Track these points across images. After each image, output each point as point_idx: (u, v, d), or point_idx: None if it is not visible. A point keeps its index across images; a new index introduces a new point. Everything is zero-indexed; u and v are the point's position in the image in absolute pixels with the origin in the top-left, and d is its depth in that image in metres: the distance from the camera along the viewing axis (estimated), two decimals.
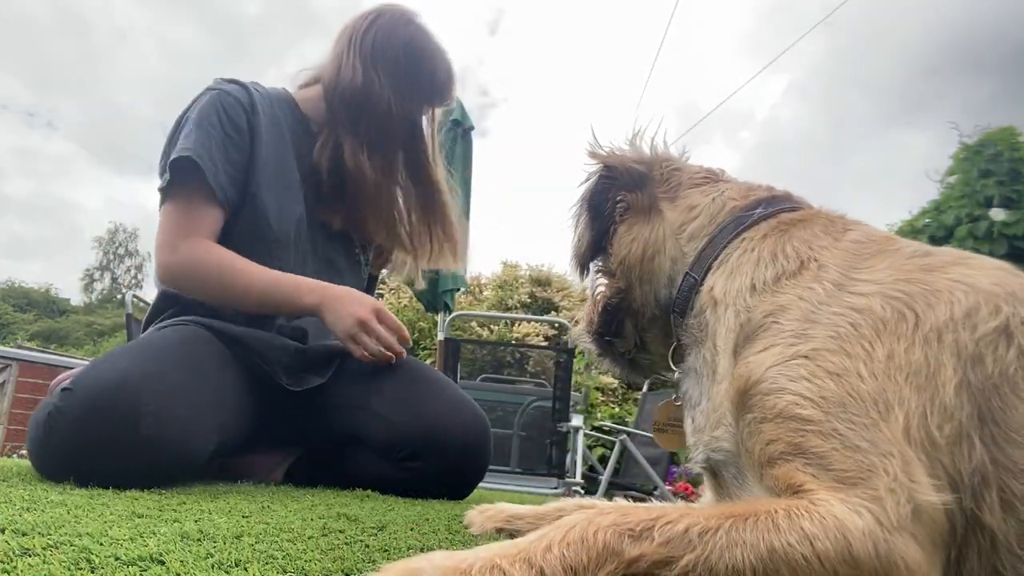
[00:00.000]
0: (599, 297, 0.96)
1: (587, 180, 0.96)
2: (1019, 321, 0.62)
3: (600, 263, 0.96)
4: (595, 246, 0.96)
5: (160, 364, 1.20)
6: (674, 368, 0.86)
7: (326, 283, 1.48)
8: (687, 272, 0.83)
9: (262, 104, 1.55)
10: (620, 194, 0.92)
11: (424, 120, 1.70)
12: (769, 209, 0.82)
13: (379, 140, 1.60)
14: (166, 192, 1.47)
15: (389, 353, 1.47)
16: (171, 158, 1.42)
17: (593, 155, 0.95)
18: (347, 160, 1.57)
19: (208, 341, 1.36)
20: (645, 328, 0.92)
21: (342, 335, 1.45)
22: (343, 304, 1.44)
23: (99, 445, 1.09)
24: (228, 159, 1.47)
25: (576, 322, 1.03)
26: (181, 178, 1.43)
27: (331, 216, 1.63)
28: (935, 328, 0.62)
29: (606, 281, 0.95)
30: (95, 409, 1.10)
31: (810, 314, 0.66)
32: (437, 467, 1.44)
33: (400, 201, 1.70)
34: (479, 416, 1.52)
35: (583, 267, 0.99)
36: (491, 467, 1.59)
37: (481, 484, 1.58)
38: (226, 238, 1.49)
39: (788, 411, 0.60)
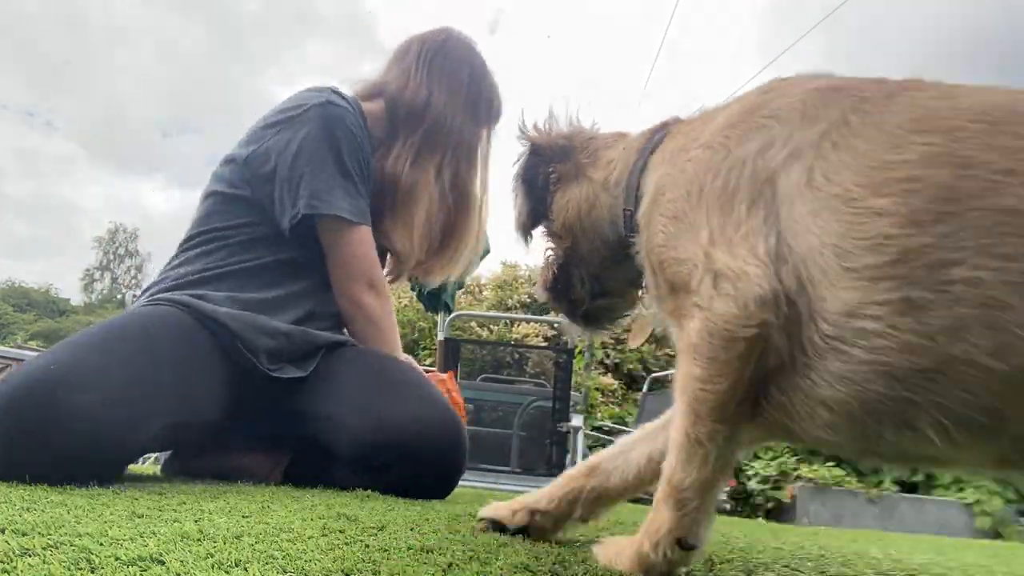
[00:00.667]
0: (550, 259, 1.10)
1: (518, 160, 1.10)
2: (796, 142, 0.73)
3: (545, 229, 1.09)
4: (534, 216, 1.09)
5: (88, 350, 1.18)
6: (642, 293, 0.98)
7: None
8: (624, 208, 0.96)
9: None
10: (551, 167, 1.06)
11: (479, 146, 1.78)
12: (661, 131, 0.96)
13: (440, 156, 1.68)
14: (327, 224, 1.53)
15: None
16: (325, 210, 1.49)
17: (522, 136, 1.09)
18: (405, 173, 1.65)
19: (171, 323, 1.34)
20: (599, 273, 1.05)
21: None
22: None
23: (14, 436, 1.08)
24: (363, 180, 1.58)
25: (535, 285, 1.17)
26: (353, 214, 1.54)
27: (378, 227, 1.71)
28: (739, 159, 0.75)
29: (554, 244, 1.08)
30: (13, 400, 1.09)
31: (678, 183, 0.81)
32: (411, 474, 1.40)
33: (438, 215, 1.75)
34: (448, 414, 1.47)
35: (526, 235, 1.13)
36: (491, 467, 1.58)
37: (481, 484, 1.58)
38: (281, 236, 1.53)
39: (661, 261, 0.79)
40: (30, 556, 0.58)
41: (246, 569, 0.59)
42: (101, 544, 0.64)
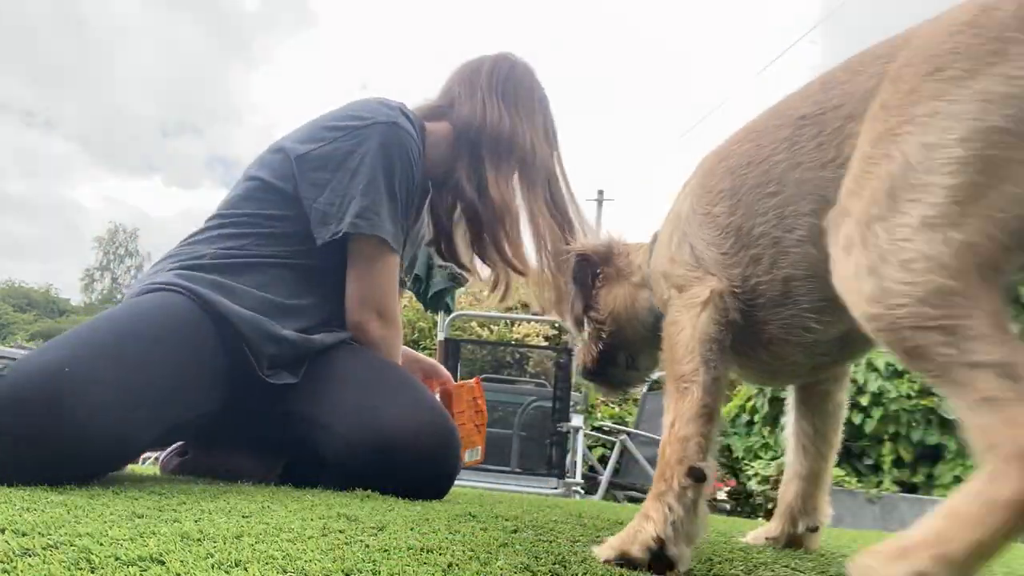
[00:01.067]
0: (594, 343, 1.33)
1: (573, 265, 1.35)
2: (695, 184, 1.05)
3: (591, 318, 1.32)
4: (585, 308, 1.33)
5: (95, 352, 1.16)
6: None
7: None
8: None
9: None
10: (598, 269, 1.31)
11: (556, 165, 1.83)
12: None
13: (540, 186, 1.75)
14: (362, 242, 1.53)
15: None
16: (374, 231, 1.51)
17: (573, 249, 1.36)
18: (514, 200, 1.73)
19: (189, 320, 1.32)
20: (636, 352, 1.31)
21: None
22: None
23: (14, 431, 1.06)
24: (405, 212, 1.60)
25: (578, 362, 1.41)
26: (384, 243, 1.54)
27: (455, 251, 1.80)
28: (688, 199, 1.05)
29: (599, 330, 1.32)
30: (17, 394, 1.07)
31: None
32: (401, 476, 1.38)
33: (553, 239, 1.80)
34: (440, 419, 1.45)
35: (579, 323, 1.37)
36: (491, 467, 1.58)
37: (481, 484, 1.57)
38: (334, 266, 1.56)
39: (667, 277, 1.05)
40: (30, 556, 0.58)
41: (246, 569, 0.59)
42: (101, 544, 0.64)
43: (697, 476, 0.83)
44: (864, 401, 5.47)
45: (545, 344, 9.63)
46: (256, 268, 1.49)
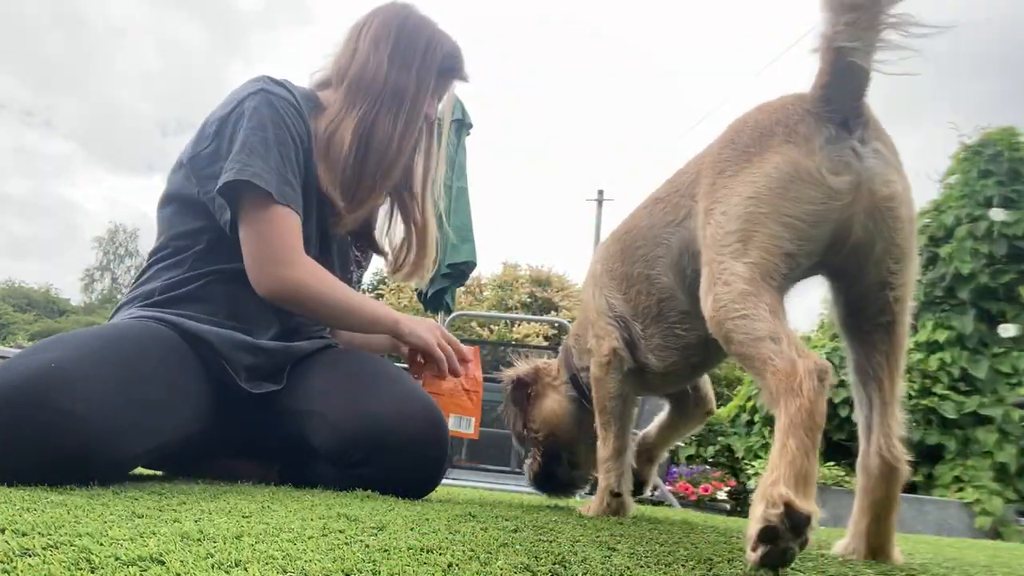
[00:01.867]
0: (536, 451, 1.65)
1: (509, 392, 1.67)
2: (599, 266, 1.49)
3: (530, 429, 1.64)
4: (523, 425, 1.64)
5: (82, 355, 1.16)
6: None
7: (404, 315, 1.67)
8: (570, 374, 1.62)
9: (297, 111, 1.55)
10: (529, 389, 1.64)
11: (413, 97, 1.65)
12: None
13: (360, 106, 1.59)
14: (247, 206, 1.44)
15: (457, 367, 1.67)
16: (246, 176, 1.40)
17: (506, 376, 1.69)
18: (330, 127, 1.57)
19: (160, 337, 1.34)
20: (574, 449, 1.63)
21: (432, 346, 1.62)
22: (420, 323, 1.65)
23: (4, 432, 1.06)
24: (291, 169, 1.48)
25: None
26: (256, 191, 1.42)
27: (346, 215, 1.62)
28: (597, 283, 1.48)
29: (536, 439, 1.64)
30: (5, 395, 1.07)
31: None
32: (388, 470, 1.38)
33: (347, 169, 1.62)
34: (429, 409, 1.45)
35: (521, 440, 1.69)
36: (491, 467, 1.59)
37: (481, 484, 1.57)
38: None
39: (583, 343, 1.53)
40: (30, 556, 0.58)
41: (246, 569, 0.59)
42: (101, 544, 0.64)
43: (616, 494, 1.41)
44: None
45: (545, 344, 9.64)
46: (205, 288, 1.48)
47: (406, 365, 1.76)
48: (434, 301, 5.21)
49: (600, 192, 19.53)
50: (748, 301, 0.94)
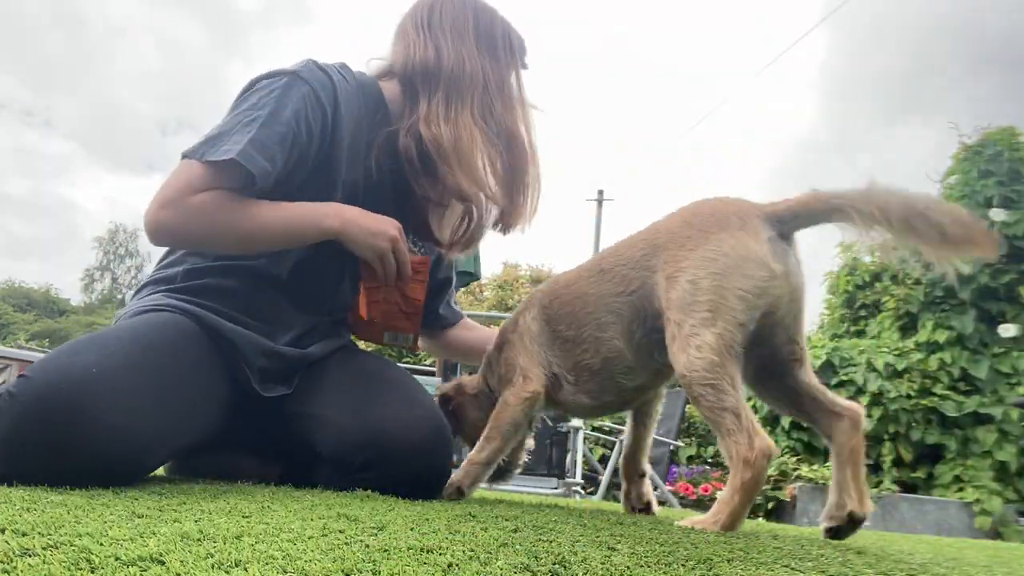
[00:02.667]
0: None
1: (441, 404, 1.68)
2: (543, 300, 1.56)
3: (465, 435, 1.71)
4: (460, 431, 1.70)
5: (120, 362, 1.15)
6: None
7: (340, 204, 1.46)
8: (481, 389, 1.70)
9: (347, 100, 1.49)
10: (451, 404, 1.69)
11: (509, 83, 1.64)
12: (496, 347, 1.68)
13: (471, 102, 1.55)
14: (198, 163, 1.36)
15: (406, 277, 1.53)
16: (239, 154, 1.32)
17: (437, 392, 1.73)
18: (444, 130, 1.51)
19: (188, 334, 1.33)
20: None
21: (372, 254, 1.46)
22: (368, 222, 1.45)
23: (39, 438, 1.06)
24: (286, 164, 1.41)
25: None
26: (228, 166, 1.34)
27: (418, 211, 1.61)
28: (522, 324, 1.57)
29: (473, 440, 1.63)
30: (44, 400, 1.06)
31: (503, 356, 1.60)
32: (391, 477, 1.37)
33: (487, 163, 1.59)
34: (432, 414, 1.44)
35: (465, 441, 1.74)
36: None
37: (481, 484, 1.57)
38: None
39: (502, 372, 1.58)
40: (30, 556, 0.58)
41: (246, 569, 0.59)
42: (101, 544, 0.64)
43: (461, 492, 1.49)
44: (864, 401, 5.47)
45: None
46: (229, 280, 1.46)
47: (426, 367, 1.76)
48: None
49: (600, 192, 19.50)
50: (716, 372, 1.18)
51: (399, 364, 1.96)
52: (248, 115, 1.39)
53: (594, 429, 6.62)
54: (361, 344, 1.88)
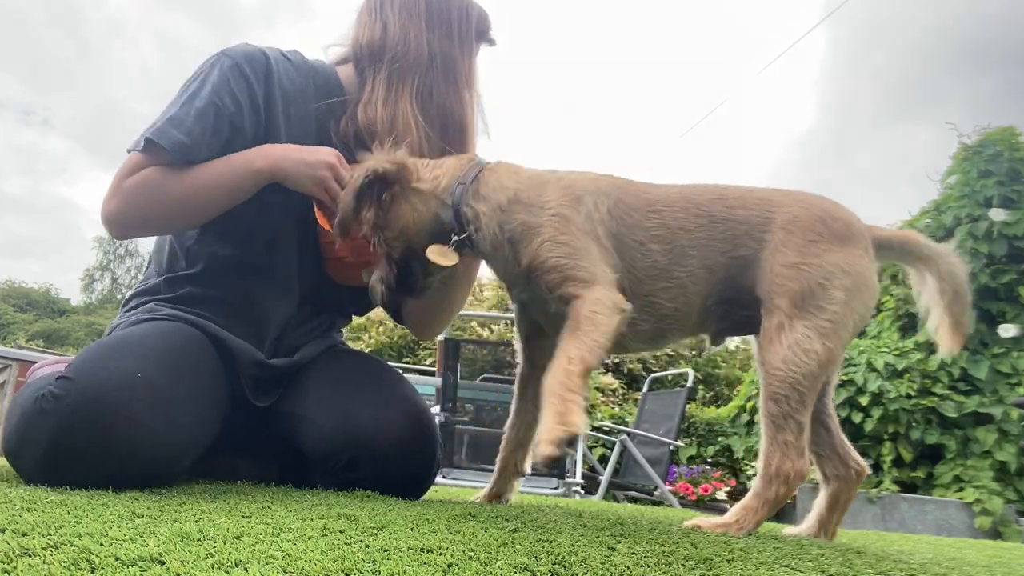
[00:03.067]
0: (389, 260, 1.41)
1: (361, 183, 1.33)
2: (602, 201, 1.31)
3: (385, 236, 1.37)
4: (375, 227, 1.36)
5: (158, 369, 1.19)
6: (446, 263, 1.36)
7: (266, 145, 1.42)
8: (455, 206, 1.35)
9: (288, 77, 1.48)
10: (389, 188, 1.36)
11: (460, 63, 1.57)
12: (476, 168, 1.38)
13: (411, 82, 1.51)
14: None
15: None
16: (152, 132, 1.34)
17: (361, 168, 1.35)
18: (379, 113, 1.48)
19: (197, 342, 1.35)
20: (427, 260, 1.38)
21: (312, 185, 1.39)
22: (302, 154, 1.40)
23: (87, 439, 1.08)
24: (215, 136, 1.39)
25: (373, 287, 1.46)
26: (154, 148, 1.35)
27: None
28: (587, 208, 1.29)
29: (391, 246, 1.39)
30: (94, 402, 1.08)
31: (540, 222, 1.28)
32: (373, 476, 1.37)
33: (423, 147, 1.53)
34: (417, 411, 1.44)
35: (345, 234, 1.37)
36: (491, 467, 1.57)
37: (481, 484, 1.57)
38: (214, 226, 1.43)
39: (554, 265, 1.25)
40: (30, 556, 0.58)
41: (246, 569, 0.60)
42: (101, 544, 0.64)
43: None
44: (864, 401, 5.47)
45: None
46: (211, 280, 1.48)
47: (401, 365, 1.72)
48: None
49: None
50: (811, 383, 1.18)
51: (399, 364, 1.94)
52: (174, 100, 1.41)
53: (594, 429, 6.62)
54: (361, 344, 1.87)
